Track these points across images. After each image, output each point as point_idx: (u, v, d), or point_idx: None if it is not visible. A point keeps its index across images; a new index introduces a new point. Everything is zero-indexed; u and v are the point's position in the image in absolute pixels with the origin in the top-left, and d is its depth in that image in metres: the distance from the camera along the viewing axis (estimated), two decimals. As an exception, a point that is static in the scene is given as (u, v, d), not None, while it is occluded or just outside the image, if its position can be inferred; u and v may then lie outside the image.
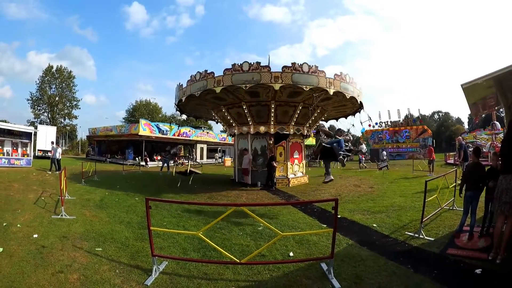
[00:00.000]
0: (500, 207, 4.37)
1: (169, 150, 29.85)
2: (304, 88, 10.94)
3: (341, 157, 8.35)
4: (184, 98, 12.85)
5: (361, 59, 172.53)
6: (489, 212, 5.47)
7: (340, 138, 8.79)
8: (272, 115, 13.03)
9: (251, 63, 11.14)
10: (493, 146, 23.48)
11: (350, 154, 9.55)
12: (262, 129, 13.37)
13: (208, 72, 11.87)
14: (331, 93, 11.38)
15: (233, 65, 11.33)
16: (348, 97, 12.18)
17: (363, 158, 26.85)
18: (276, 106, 12.85)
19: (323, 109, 14.36)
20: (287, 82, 10.88)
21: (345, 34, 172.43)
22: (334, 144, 8.39)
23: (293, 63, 11.07)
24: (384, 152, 25.10)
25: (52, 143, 18.32)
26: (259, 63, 11.16)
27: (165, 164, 20.47)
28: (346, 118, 17.25)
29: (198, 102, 13.64)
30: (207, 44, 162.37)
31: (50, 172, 15.60)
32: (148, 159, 27.99)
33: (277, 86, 10.81)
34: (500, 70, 5.09)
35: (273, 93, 11.75)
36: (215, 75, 11.61)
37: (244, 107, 13.02)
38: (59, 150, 17.71)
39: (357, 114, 15.97)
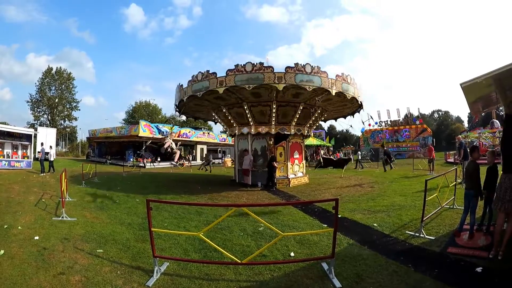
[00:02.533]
0: (503, 205, 4.38)
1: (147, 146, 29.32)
2: (307, 89, 10.93)
3: None
4: (186, 98, 12.74)
5: (360, 58, 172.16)
6: (489, 210, 5.49)
7: None
8: (274, 115, 13.01)
9: (254, 63, 11.09)
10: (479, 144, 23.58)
11: None
12: (263, 129, 13.37)
13: (210, 72, 11.77)
14: (333, 94, 11.39)
15: (236, 65, 11.28)
16: (349, 98, 12.21)
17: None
18: (278, 106, 12.85)
19: (323, 109, 14.37)
20: (291, 83, 10.87)
21: (342, 34, 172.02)
22: None
23: (296, 64, 11.04)
24: (359, 152, 26.69)
25: (42, 144, 18.26)
26: (262, 63, 11.13)
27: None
28: (345, 118, 17.27)
29: (198, 103, 13.61)
30: (205, 45, 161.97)
31: (42, 175, 15.60)
32: (145, 160, 27.97)
33: (280, 87, 10.78)
34: (500, 69, 5.09)
35: (275, 94, 11.75)
36: (218, 76, 11.51)
37: (245, 107, 12.98)
38: (51, 152, 17.62)
39: (357, 113, 16.04)
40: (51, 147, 18.56)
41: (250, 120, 13.35)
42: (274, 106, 12.74)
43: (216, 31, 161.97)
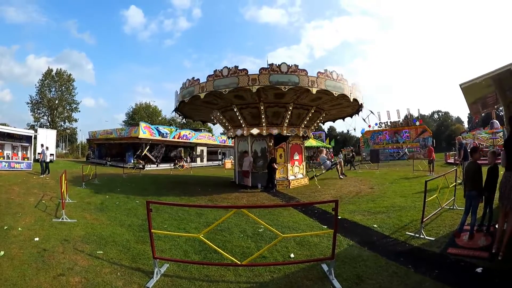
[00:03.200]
0: (509, 203, 4.39)
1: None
2: (283, 89, 10.86)
3: None
4: (177, 104, 13.43)
5: (359, 60, 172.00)
6: (489, 210, 5.49)
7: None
8: (263, 116, 13.11)
9: (230, 67, 11.32)
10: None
11: None
12: (262, 130, 13.39)
13: (195, 79, 12.39)
14: (314, 92, 11.17)
15: (215, 71, 11.62)
16: (336, 95, 11.76)
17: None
18: (266, 107, 12.90)
19: (319, 108, 14.22)
20: (265, 84, 10.85)
21: (342, 35, 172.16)
22: None
23: (271, 64, 11.05)
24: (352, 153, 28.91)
25: (42, 145, 18.26)
26: (237, 67, 11.26)
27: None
28: (343, 119, 17.25)
29: (192, 107, 13.98)
30: (205, 47, 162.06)
31: (42, 176, 15.60)
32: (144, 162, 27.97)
33: (254, 89, 10.85)
34: (499, 69, 5.12)
35: (256, 95, 11.80)
36: (200, 82, 12.03)
37: (235, 109, 13.20)
38: (47, 152, 17.56)
39: (359, 117, 16.10)
40: (47, 148, 18.29)
41: (242, 122, 13.50)
42: (262, 108, 12.82)
43: (216, 33, 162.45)
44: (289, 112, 13.08)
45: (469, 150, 10.42)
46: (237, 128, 14.26)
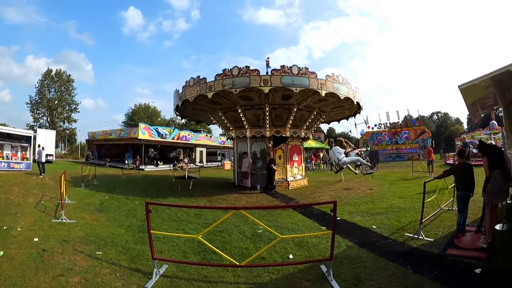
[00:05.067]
0: (499, 196, 4.66)
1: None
2: (294, 90, 10.88)
3: None
4: (180, 103, 12.97)
5: (358, 61, 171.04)
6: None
7: None
8: (267, 117, 13.07)
9: (240, 67, 11.20)
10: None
11: None
12: (261, 132, 13.41)
13: (200, 77, 12.08)
14: (323, 95, 11.24)
15: (224, 70, 11.45)
16: (342, 98, 11.94)
17: (313, 161, 30.26)
18: (271, 109, 12.89)
19: (320, 110, 14.32)
20: (276, 85, 10.85)
21: (340, 36, 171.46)
22: None
23: (282, 66, 11.04)
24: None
25: (39, 146, 18.18)
26: (248, 67, 11.17)
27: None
28: (347, 120, 17.28)
29: (194, 108, 13.75)
30: (203, 48, 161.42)
31: (41, 176, 15.58)
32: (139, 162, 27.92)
33: (266, 90, 10.84)
34: (498, 70, 5.12)
35: (264, 96, 11.81)
36: (207, 81, 11.77)
37: (239, 110, 13.14)
38: (43, 152, 17.46)
39: (357, 116, 16.10)
40: (43, 148, 17.95)
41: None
42: (267, 109, 12.82)
43: (214, 34, 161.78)
44: (293, 114, 13.11)
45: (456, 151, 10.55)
46: (239, 129, 14.23)
